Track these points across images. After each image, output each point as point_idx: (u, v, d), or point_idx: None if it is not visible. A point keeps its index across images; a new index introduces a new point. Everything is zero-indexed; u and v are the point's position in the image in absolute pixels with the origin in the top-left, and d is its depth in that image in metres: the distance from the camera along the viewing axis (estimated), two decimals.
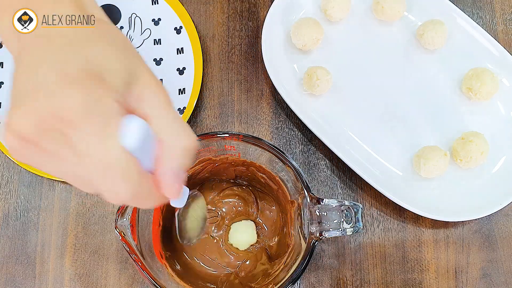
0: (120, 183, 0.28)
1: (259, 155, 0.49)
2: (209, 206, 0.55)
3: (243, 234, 0.53)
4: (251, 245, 0.54)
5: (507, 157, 0.59)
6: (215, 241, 0.54)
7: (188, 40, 0.62)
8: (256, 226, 0.54)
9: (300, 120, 0.58)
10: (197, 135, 0.47)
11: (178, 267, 0.51)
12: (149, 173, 0.30)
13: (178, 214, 0.44)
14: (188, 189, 0.40)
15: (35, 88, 0.28)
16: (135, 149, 0.28)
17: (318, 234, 0.44)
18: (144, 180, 0.29)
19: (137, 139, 0.27)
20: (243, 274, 0.53)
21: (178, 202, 0.39)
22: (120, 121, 0.28)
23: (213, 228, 0.54)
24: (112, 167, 0.28)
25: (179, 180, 0.31)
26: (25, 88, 0.28)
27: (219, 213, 0.55)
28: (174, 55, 0.62)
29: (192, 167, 0.52)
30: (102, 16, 0.33)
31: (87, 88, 0.27)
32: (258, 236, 0.54)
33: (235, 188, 0.56)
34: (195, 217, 0.47)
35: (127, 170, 0.28)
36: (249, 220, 0.54)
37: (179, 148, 0.30)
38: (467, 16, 0.61)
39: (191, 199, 0.44)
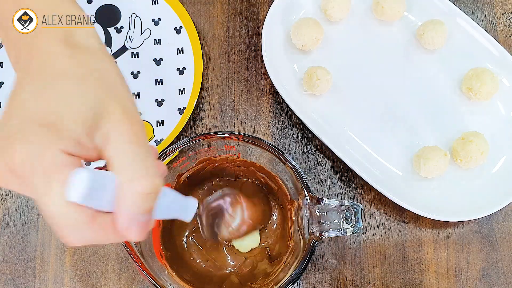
0: (68, 234, 0.29)
1: (259, 155, 0.49)
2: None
3: (247, 239, 0.53)
4: (252, 248, 0.54)
5: (507, 157, 0.59)
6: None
7: (188, 40, 0.62)
8: None
9: (300, 120, 0.58)
10: (197, 135, 0.47)
11: (178, 267, 0.51)
12: (105, 216, 0.30)
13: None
14: (197, 201, 0.39)
15: (2, 129, 0.29)
16: (82, 199, 0.28)
17: (318, 234, 0.44)
18: (95, 227, 0.29)
19: (82, 191, 0.27)
20: (243, 274, 0.53)
21: (185, 216, 0.38)
22: (65, 173, 0.27)
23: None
24: (56, 220, 0.28)
25: (136, 223, 0.30)
26: (1, 126, 0.29)
27: None
28: (174, 55, 0.62)
29: (192, 167, 0.52)
30: (93, 44, 0.33)
31: (30, 142, 0.27)
32: (259, 237, 0.54)
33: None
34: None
35: (71, 222, 0.28)
36: None
37: (133, 192, 0.29)
38: (467, 16, 0.61)
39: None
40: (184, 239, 0.54)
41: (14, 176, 0.28)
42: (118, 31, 0.64)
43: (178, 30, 0.63)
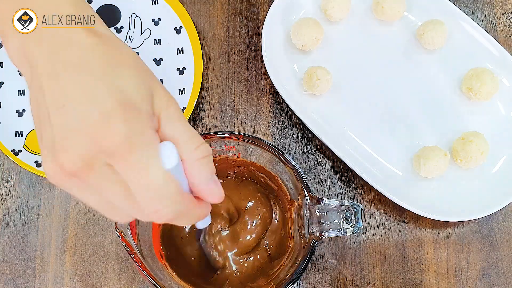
0: (166, 205, 0.30)
1: (259, 155, 0.49)
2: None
3: None
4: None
5: (507, 157, 0.59)
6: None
7: (188, 40, 0.62)
8: None
9: (300, 120, 0.58)
10: None
11: (178, 267, 0.51)
12: (187, 191, 0.33)
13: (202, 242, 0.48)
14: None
15: (77, 127, 0.29)
16: (174, 168, 0.30)
17: (318, 234, 0.44)
18: (185, 199, 0.31)
19: (173, 161, 0.30)
20: (243, 274, 0.53)
21: (203, 223, 0.41)
22: (158, 147, 0.30)
23: (217, 228, 0.54)
24: (158, 191, 0.30)
25: (215, 186, 0.33)
26: (66, 126, 0.29)
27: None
28: (174, 55, 0.62)
29: None
30: (107, 31, 0.33)
31: (127, 121, 0.29)
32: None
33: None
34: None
35: (172, 191, 0.30)
36: None
37: (199, 159, 0.32)
38: (467, 16, 0.61)
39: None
40: (184, 239, 0.54)
41: (104, 157, 0.29)
42: (118, 31, 0.64)
43: (178, 30, 0.63)
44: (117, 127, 0.28)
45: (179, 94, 0.60)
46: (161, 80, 0.62)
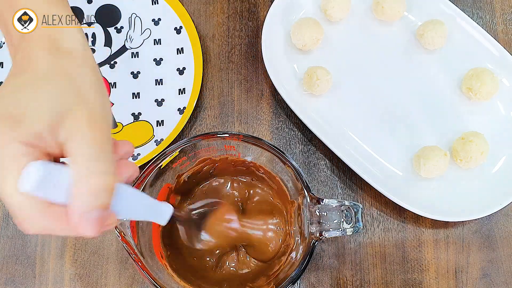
0: (22, 221, 0.30)
1: (259, 155, 0.49)
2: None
3: None
4: None
5: (507, 157, 0.59)
6: None
7: (188, 40, 0.62)
8: None
9: (300, 120, 0.58)
10: (197, 135, 0.47)
11: (178, 267, 0.51)
12: (59, 210, 0.31)
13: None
14: (172, 207, 0.40)
15: None
16: (34, 190, 0.29)
17: (318, 234, 0.44)
18: (48, 218, 0.30)
19: (34, 182, 0.29)
20: (243, 274, 0.53)
21: (159, 219, 0.39)
22: (22, 164, 0.29)
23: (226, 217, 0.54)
24: (12, 208, 0.30)
25: (87, 219, 0.30)
26: None
27: None
28: (174, 55, 0.62)
29: (192, 167, 0.52)
30: (77, 49, 0.35)
31: None
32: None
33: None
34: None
35: (25, 211, 0.30)
36: None
37: (87, 187, 0.30)
38: (467, 16, 0.61)
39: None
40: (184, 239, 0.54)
41: None
42: (118, 31, 0.64)
43: (178, 30, 0.63)
44: None
45: (179, 94, 0.60)
46: (161, 80, 0.62)
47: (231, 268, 0.53)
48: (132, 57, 0.63)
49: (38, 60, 0.33)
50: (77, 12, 0.64)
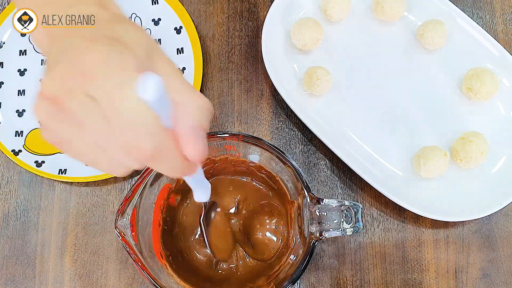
0: (143, 136, 0.28)
1: (259, 155, 0.49)
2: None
3: None
4: None
5: (507, 157, 0.59)
6: None
7: (188, 40, 0.62)
8: None
9: (300, 120, 0.58)
10: None
11: (178, 267, 0.51)
12: (169, 130, 0.30)
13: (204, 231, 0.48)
14: (210, 184, 0.42)
15: (61, 53, 0.29)
16: (154, 102, 0.27)
17: (318, 234, 0.44)
18: (165, 133, 0.29)
19: (155, 92, 0.27)
20: (243, 274, 0.53)
21: (200, 196, 0.42)
22: (139, 75, 0.27)
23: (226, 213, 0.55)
24: (134, 119, 0.27)
25: (199, 138, 0.31)
26: (54, 56, 0.30)
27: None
28: (174, 55, 0.62)
29: None
30: (124, 14, 0.35)
31: (109, 44, 0.28)
32: None
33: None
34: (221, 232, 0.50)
35: (148, 121, 0.28)
36: None
37: (195, 106, 0.31)
38: (467, 16, 0.61)
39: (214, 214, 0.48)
40: (184, 239, 0.54)
41: (84, 80, 0.28)
42: None
43: (178, 30, 0.63)
44: (99, 49, 0.28)
45: None
46: None
47: (231, 268, 0.53)
48: None
49: (99, 12, 0.32)
50: None
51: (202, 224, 0.49)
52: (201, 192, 0.43)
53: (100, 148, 0.30)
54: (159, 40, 0.63)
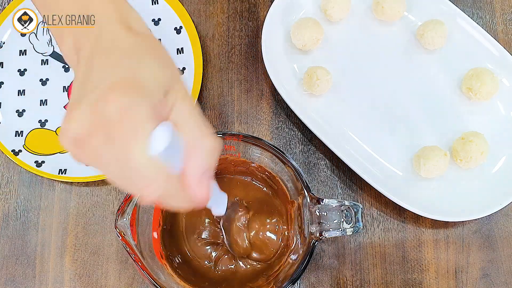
0: (148, 184, 0.31)
1: (259, 155, 0.49)
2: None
3: None
4: None
5: (507, 157, 0.59)
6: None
7: (188, 40, 0.62)
8: None
9: (300, 120, 0.58)
10: None
11: (178, 267, 0.51)
12: (177, 175, 0.32)
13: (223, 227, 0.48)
14: (226, 195, 0.42)
15: (87, 93, 0.31)
16: (162, 152, 0.30)
17: (318, 234, 0.44)
18: (171, 182, 0.31)
19: (164, 143, 0.30)
20: (243, 274, 0.53)
21: (217, 210, 0.42)
22: (151, 126, 0.30)
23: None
24: (141, 171, 0.30)
25: (205, 178, 0.33)
26: (79, 93, 0.32)
27: None
28: (174, 55, 0.62)
29: None
30: (146, 30, 0.36)
31: (126, 94, 0.30)
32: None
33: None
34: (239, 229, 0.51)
35: (155, 174, 0.30)
36: None
37: (204, 150, 0.33)
38: (467, 16, 0.61)
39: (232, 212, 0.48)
40: (184, 239, 0.54)
41: (102, 126, 0.30)
42: None
43: (178, 30, 0.63)
44: (115, 98, 0.30)
45: None
46: None
47: (231, 268, 0.53)
48: None
49: (120, 36, 0.34)
50: None
51: (222, 228, 0.50)
52: (219, 207, 0.42)
53: (123, 179, 0.32)
54: (159, 40, 0.63)
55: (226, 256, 0.54)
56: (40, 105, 0.62)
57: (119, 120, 0.30)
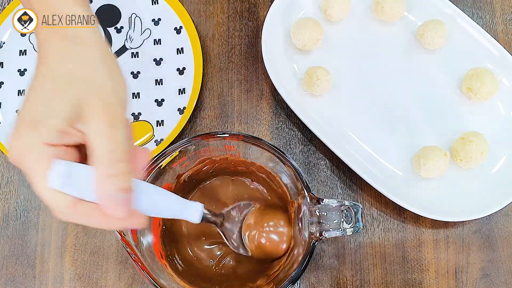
0: (54, 212, 0.33)
1: (259, 155, 0.49)
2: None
3: None
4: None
5: (507, 157, 0.59)
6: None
7: (188, 40, 0.62)
8: None
9: (300, 120, 0.58)
10: (197, 135, 0.47)
11: (178, 267, 0.51)
12: (88, 203, 0.33)
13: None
14: (202, 205, 0.42)
15: (15, 127, 0.33)
16: (60, 186, 0.32)
17: (318, 234, 0.44)
18: (77, 212, 0.33)
19: (60, 179, 0.32)
20: (243, 274, 0.53)
21: (192, 218, 0.41)
22: (48, 164, 0.32)
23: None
24: (44, 201, 0.33)
25: (116, 200, 0.33)
26: (18, 120, 0.34)
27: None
28: (174, 55, 0.62)
29: (192, 167, 0.52)
30: (82, 31, 0.36)
31: (20, 139, 0.32)
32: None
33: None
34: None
35: (55, 204, 0.33)
36: None
37: (106, 176, 0.32)
38: (467, 16, 0.61)
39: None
40: (184, 239, 0.54)
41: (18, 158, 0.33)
42: (118, 31, 0.64)
43: (178, 30, 0.63)
44: (13, 144, 0.33)
45: (179, 94, 0.60)
46: (161, 80, 0.62)
47: (231, 268, 0.53)
48: (132, 57, 0.63)
49: (49, 48, 0.35)
50: None
51: (222, 233, 0.49)
52: (190, 216, 0.41)
53: None
54: (159, 40, 0.63)
55: (226, 256, 0.54)
56: None
57: (21, 162, 0.32)
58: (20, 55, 0.63)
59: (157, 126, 0.60)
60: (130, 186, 0.33)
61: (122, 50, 0.63)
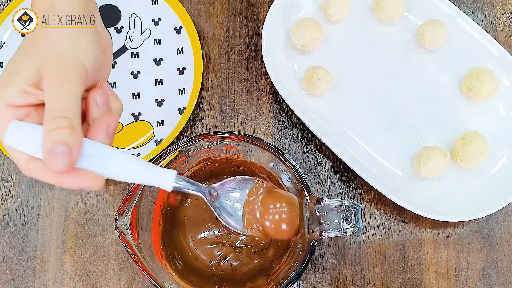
0: (19, 167, 0.36)
1: (259, 155, 0.49)
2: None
3: None
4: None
5: (507, 157, 0.59)
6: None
7: (188, 40, 0.62)
8: None
9: (300, 120, 0.58)
10: (197, 135, 0.47)
11: (178, 267, 0.51)
12: (39, 160, 0.35)
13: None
14: (175, 172, 0.39)
15: None
16: (12, 144, 0.35)
17: (318, 234, 0.44)
18: (30, 168, 0.35)
19: (10, 137, 0.34)
20: (243, 273, 0.53)
21: (164, 185, 0.39)
22: (4, 122, 0.35)
23: (216, 230, 0.54)
24: (8, 153, 0.35)
25: (56, 155, 0.34)
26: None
27: None
28: (174, 55, 0.62)
29: (192, 167, 0.52)
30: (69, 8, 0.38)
31: None
32: None
33: None
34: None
35: (14, 156, 0.35)
36: None
37: (47, 130, 0.34)
38: (467, 16, 0.61)
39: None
40: (184, 239, 0.54)
41: None
42: (118, 31, 0.64)
43: (178, 30, 0.63)
44: None
45: (179, 94, 0.60)
46: (161, 80, 0.62)
47: (231, 268, 0.53)
48: (132, 57, 0.63)
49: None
50: None
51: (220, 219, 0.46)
52: (161, 181, 0.39)
53: None
54: (159, 40, 0.63)
55: (226, 256, 0.54)
56: None
57: None
58: None
59: (157, 126, 0.60)
60: (70, 142, 0.34)
61: (122, 50, 0.63)
